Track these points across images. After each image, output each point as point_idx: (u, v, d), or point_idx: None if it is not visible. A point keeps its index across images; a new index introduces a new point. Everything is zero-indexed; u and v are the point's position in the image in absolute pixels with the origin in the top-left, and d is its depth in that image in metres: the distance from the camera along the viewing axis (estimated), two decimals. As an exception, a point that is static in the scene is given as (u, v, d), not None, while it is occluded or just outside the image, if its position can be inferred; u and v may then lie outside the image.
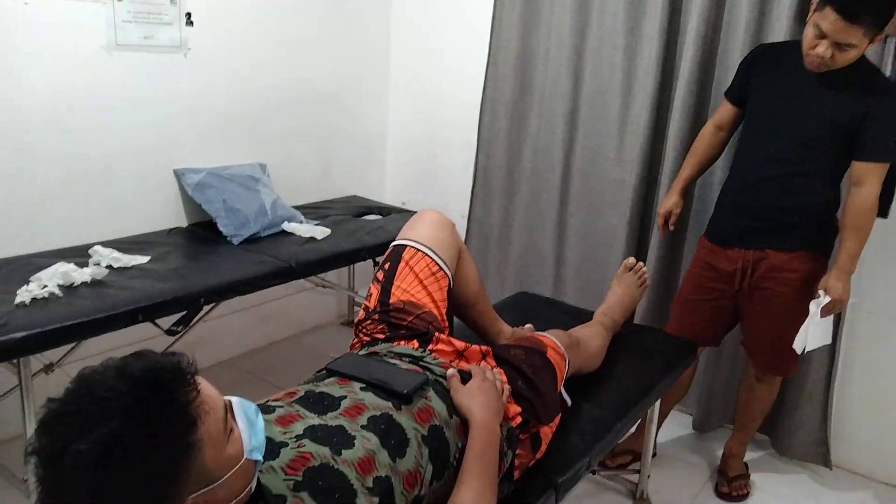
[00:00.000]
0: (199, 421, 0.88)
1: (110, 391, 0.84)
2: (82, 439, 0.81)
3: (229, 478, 0.93)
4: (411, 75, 3.44)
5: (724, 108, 2.22)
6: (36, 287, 1.95)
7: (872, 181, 1.92)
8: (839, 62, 1.84)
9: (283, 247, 2.55)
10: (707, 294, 2.22)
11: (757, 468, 2.46)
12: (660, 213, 2.34)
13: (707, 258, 2.21)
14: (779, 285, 2.07)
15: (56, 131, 2.31)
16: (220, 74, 2.77)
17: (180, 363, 0.91)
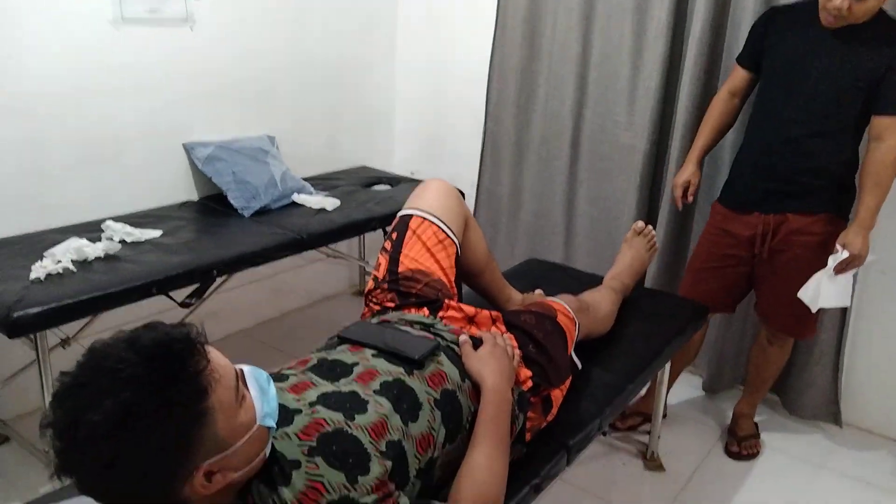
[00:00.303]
0: (209, 389, 0.89)
1: (121, 362, 0.86)
2: (95, 410, 0.82)
3: (243, 445, 0.95)
4: (419, 43, 3.41)
5: (736, 75, 2.18)
6: (50, 262, 1.97)
7: (893, 135, 1.90)
8: (857, 14, 1.81)
9: (294, 218, 2.57)
10: (724, 261, 2.19)
11: (767, 428, 2.48)
12: (677, 185, 2.29)
13: (723, 224, 2.18)
14: (799, 248, 2.06)
15: (65, 107, 2.32)
16: (227, 47, 2.75)
17: (190, 333, 0.92)
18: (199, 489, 0.90)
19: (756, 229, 2.10)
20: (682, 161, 2.55)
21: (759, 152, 2.08)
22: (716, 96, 2.25)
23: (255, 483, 0.99)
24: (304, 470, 1.01)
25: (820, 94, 1.93)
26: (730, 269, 2.20)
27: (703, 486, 2.22)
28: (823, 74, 1.92)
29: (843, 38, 1.89)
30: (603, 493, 2.16)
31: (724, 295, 2.25)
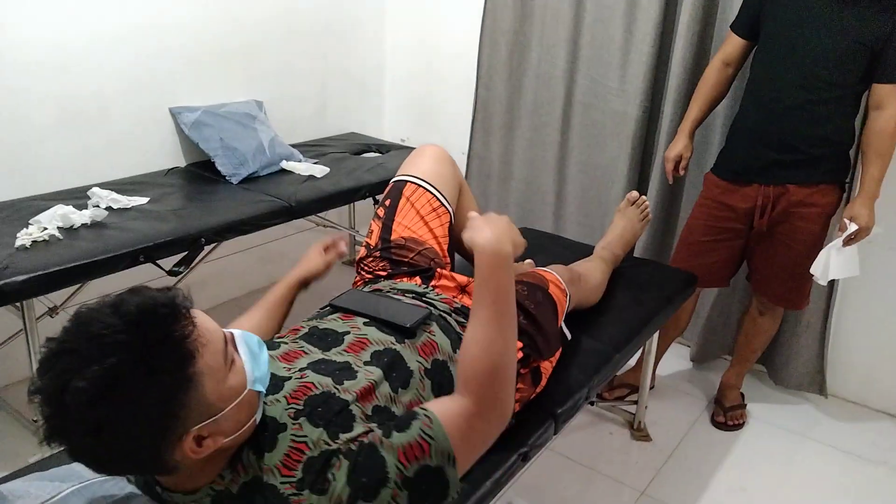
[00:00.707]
0: (196, 354, 0.89)
1: (107, 328, 0.85)
2: (81, 376, 0.82)
3: (232, 409, 0.94)
4: (409, 8, 3.35)
5: (731, 43, 2.14)
6: (36, 230, 1.95)
7: (894, 104, 1.89)
8: None
9: (283, 185, 2.54)
10: (721, 234, 2.18)
11: (753, 398, 2.51)
12: (669, 158, 2.26)
13: (720, 197, 2.15)
14: (800, 220, 2.05)
15: (50, 73, 2.27)
16: (215, 9, 2.69)
17: (175, 298, 0.91)
18: (189, 454, 0.90)
19: (755, 201, 2.08)
20: (673, 128, 2.54)
21: (759, 120, 2.04)
22: (709, 66, 2.21)
23: (246, 450, 0.99)
24: (289, 433, 1.02)
25: (823, 58, 1.89)
26: (726, 242, 2.18)
27: (689, 456, 2.25)
28: (826, 39, 1.88)
29: (843, 2, 1.86)
30: (590, 463, 2.19)
31: (720, 268, 2.24)
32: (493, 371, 1.11)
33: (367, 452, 1.00)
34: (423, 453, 1.01)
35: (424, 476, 1.01)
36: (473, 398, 1.09)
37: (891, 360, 2.46)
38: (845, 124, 1.99)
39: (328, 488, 0.96)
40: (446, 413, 1.07)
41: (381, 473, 0.98)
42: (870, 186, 1.93)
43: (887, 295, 2.41)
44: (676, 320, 2.33)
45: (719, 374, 2.52)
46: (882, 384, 2.50)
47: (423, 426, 1.04)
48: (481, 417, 1.09)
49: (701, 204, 2.24)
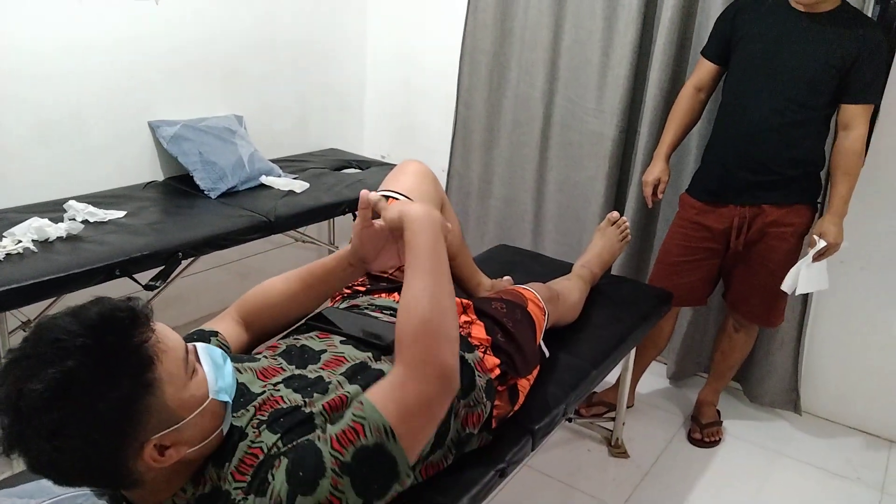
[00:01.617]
0: (156, 359, 0.89)
1: (66, 333, 0.85)
2: (37, 379, 0.82)
3: (195, 418, 0.94)
4: (390, 26, 3.38)
5: (703, 68, 2.17)
6: (10, 242, 1.93)
7: (861, 124, 1.95)
8: None
9: (262, 200, 2.53)
10: (698, 254, 2.20)
11: (728, 415, 2.54)
12: (648, 182, 2.26)
13: (696, 218, 2.18)
14: (775, 239, 2.09)
15: (27, 84, 2.25)
16: (194, 22, 2.69)
17: (135, 306, 0.92)
18: (150, 463, 0.90)
19: (731, 222, 2.11)
20: (650, 149, 2.57)
21: (736, 142, 2.06)
22: (681, 92, 2.24)
23: (209, 463, 0.99)
24: (248, 440, 1.02)
25: (797, 80, 1.94)
26: (703, 261, 2.21)
27: (666, 473, 2.26)
28: (799, 61, 1.93)
29: (814, 25, 1.92)
30: (568, 479, 2.19)
31: (697, 288, 2.26)
32: (423, 328, 1.06)
33: (303, 447, 0.98)
34: (357, 435, 0.98)
35: (364, 458, 0.97)
36: (405, 361, 1.05)
37: (863, 378, 2.50)
38: (817, 146, 2.04)
39: (267, 489, 0.95)
40: (378, 389, 1.04)
41: (317, 465, 0.95)
42: (838, 204, 1.99)
43: (859, 313, 2.45)
44: (655, 340, 2.35)
45: (696, 392, 2.54)
46: (855, 401, 2.54)
47: (355, 410, 1.01)
48: (415, 379, 1.03)
49: (677, 224, 2.26)
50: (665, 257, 2.29)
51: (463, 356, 1.40)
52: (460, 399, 1.34)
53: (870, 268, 2.37)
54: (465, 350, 1.42)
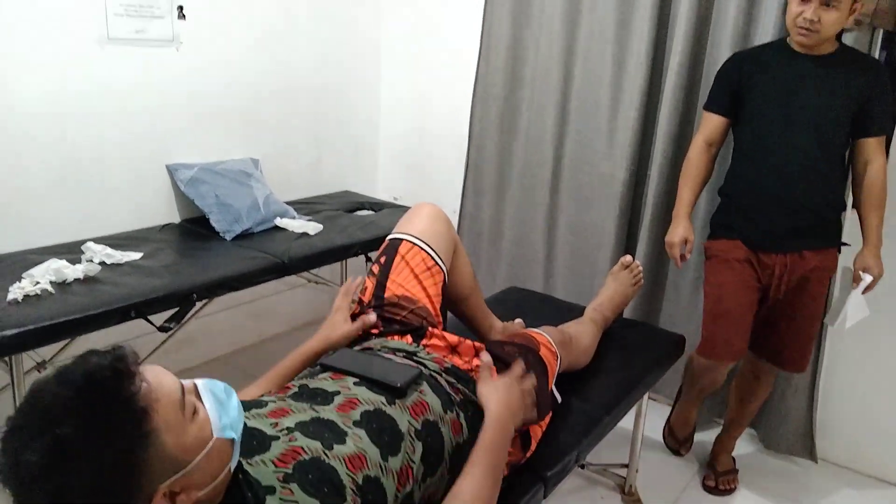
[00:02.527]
0: (149, 409, 0.89)
1: (54, 398, 0.86)
2: (31, 450, 0.83)
3: (201, 460, 0.94)
4: (403, 70, 3.45)
5: (712, 122, 2.14)
6: (28, 284, 1.95)
7: (881, 155, 2.00)
8: (825, 26, 1.86)
9: (276, 242, 2.56)
10: (753, 294, 2.09)
11: (743, 461, 2.49)
12: (675, 244, 2.15)
13: (747, 257, 2.07)
14: (816, 285, 2.08)
15: (48, 127, 2.31)
16: (212, 68, 2.76)
17: (121, 358, 0.91)
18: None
19: (773, 270, 2.06)
20: (660, 191, 2.60)
21: (770, 188, 2.01)
22: (692, 149, 2.18)
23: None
24: (278, 496, 1.00)
25: (819, 121, 1.95)
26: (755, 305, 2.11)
27: (680, 518, 2.22)
28: (818, 102, 1.95)
29: (823, 67, 1.95)
30: (581, 525, 2.16)
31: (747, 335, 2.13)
32: None
33: None
34: None
35: None
36: None
37: (881, 425, 2.46)
38: (841, 187, 2.07)
39: None
40: None
41: None
42: (873, 236, 2.00)
43: (874, 358, 2.42)
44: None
45: (711, 438, 2.51)
46: (873, 449, 2.49)
47: None
48: None
49: (722, 269, 2.11)
50: (719, 306, 2.11)
51: (475, 402, 1.40)
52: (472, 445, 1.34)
53: (883, 311, 2.35)
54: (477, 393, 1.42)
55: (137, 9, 2.47)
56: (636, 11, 2.60)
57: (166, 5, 2.55)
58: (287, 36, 3.02)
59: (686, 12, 2.45)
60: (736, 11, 2.38)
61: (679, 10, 2.49)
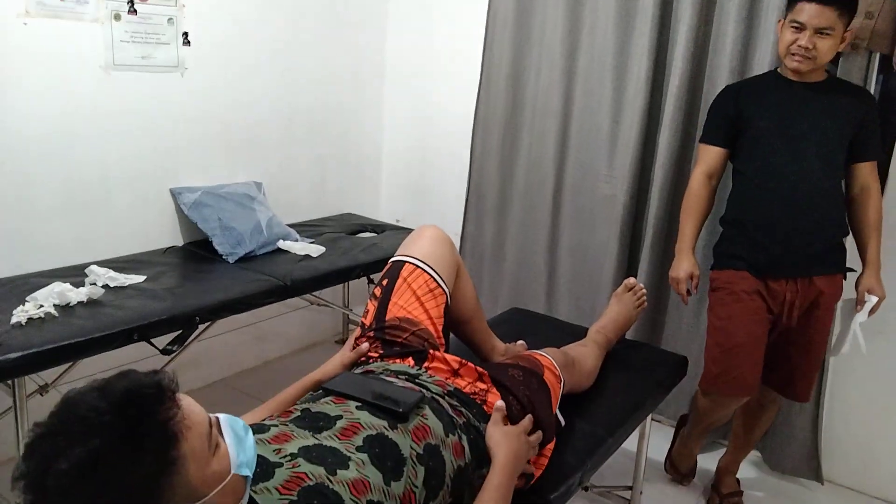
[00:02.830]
0: (180, 436, 0.89)
1: (91, 410, 0.86)
2: (63, 458, 0.82)
3: (216, 495, 0.94)
4: (405, 94, 3.48)
5: (710, 154, 2.12)
6: (32, 307, 1.96)
7: (875, 180, 2.04)
8: (820, 53, 1.89)
9: (279, 265, 2.57)
10: (764, 326, 2.05)
11: (748, 484, 2.48)
12: (680, 280, 2.14)
13: (756, 287, 2.04)
14: (824, 312, 2.07)
15: (53, 151, 2.33)
16: (217, 94, 2.80)
17: (161, 381, 0.92)
18: None
19: (784, 297, 2.03)
20: (661, 213, 2.61)
21: (780, 213, 1.99)
22: (692, 182, 2.16)
23: None
24: None
25: (820, 146, 1.97)
26: (765, 338, 2.07)
27: (685, 542, 2.20)
28: (819, 127, 1.97)
29: (818, 94, 1.98)
30: (585, 548, 2.14)
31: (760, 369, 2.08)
32: None
33: None
34: None
35: None
36: None
37: (886, 445, 2.45)
38: (843, 211, 2.06)
39: None
40: None
41: None
42: (874, 259, 2.02)
43: (880, 378, 2.42)
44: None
45: (715, 459, 2.49)
46: (879, 470, 2.48)
47: None
48: None
49: (731, 301, 2.06)
50: (731, 339, 2.05)
51: (478, 426, 1.40)
52: (475, 469, 1.34)
53: (886, 332, 2.35)
54: (481, 420, 1.42)
55: (143, 36, 2.50)
56: (635, 37, 2.63)
57: (171, 32, 2.58)
58: (290, 61, 3.06)
59: (684, 35, 2.49)
60: (734, 35, 2.41)
61: (677, 35, 2.53)
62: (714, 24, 2.49)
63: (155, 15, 2.52)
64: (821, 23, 1.86)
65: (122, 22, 2.43)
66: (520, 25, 2.92)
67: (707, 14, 2.50)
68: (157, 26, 2.53)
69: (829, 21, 1.85)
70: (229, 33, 2.79)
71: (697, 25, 2.48)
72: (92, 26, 2.35)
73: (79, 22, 2.31)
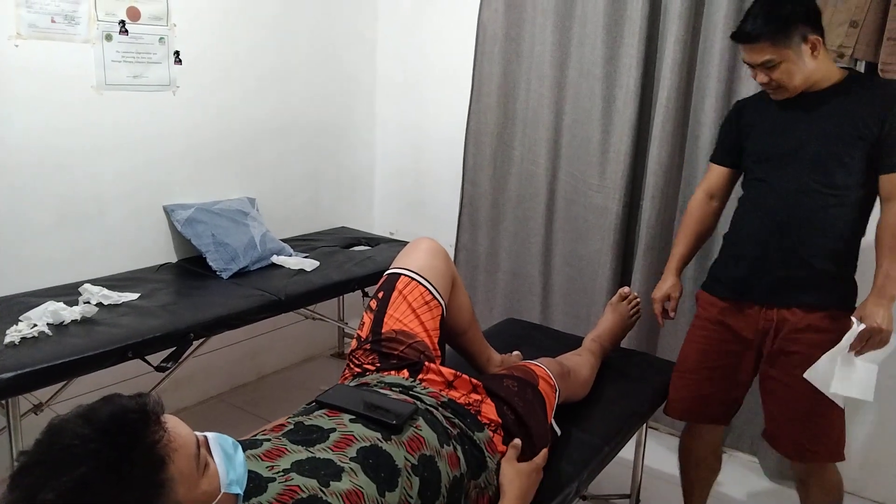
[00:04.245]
0: (167, 459, 0.89)
1: (76, 438, 0.86)
2: (49, 488, 0.82)
3: None
4: (398, 108, 3.50)
5: (714, 174, 2.02)
6: (25, 326, 1.96)
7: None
8: (787, 82, 1.74)
9: (273, 280, 2.57)
10: (722, 360, 1.93)
11: (746, 489, 2.47)
12: (657, 299, 2.06)
13: (718, 317, 1.92)
14: (811, 348, 1.77)
15: (47, 170, 2.34)
16: (209, 111, 2.81)
17: (146, 404, 0.92)
18: None
19: (757, 325, 1.86)
20: (653, 222, 2.62)
21: (763, 231, 1.83)
22: (692, 200, 2.07)
23: None
24: None
25: (820, 158, 1.76)
26: (729, 370, 1.93)
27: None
28: (818, 138, 1.76)
29: (824, 101, 1.78)
30: (584, 559, 2.13)
31: (719, 400, 1.96)
32: None
33: None
34: None
35: None
36: None
37: (890, 450, 2.44)
38: (855, 238, 1.80)
39: None
40: None
41: None
42: (883, 283, 1.69)
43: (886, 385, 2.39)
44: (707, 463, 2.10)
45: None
46: (882, 474, 2.47)
47: None
48: None
49: (696, 326, 2.00)
50: (683, 364, 2.01)
51: (472, 436, 1.40)
52: (470, 479, 1.34)
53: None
54: (475, 430, 1.42)
55: (135, 55, 2.52)
56: (623, 49, 2.66)
57: (163, 51, 2.60)
58: (282, 77, 3.08)
59: (672, 46, 2.51)
60: (722, 45, 2.43)
61: (665, 46, 2.55)
62: (702, 35, 2.52)
63: (146, 35, 2.53)
64: (759, 59, 1.73)
65: (114, 42, 2.44)
66: (509, 39, 2.94)
67: (695, 26, 2.52)
68: (148, 46, 2.55)
69: (766, 55, 1.71)
70: (220, 52, 2.81)
71: (685, 38, 2.50)
72: (83, 47, 2.37)
73: (70, 43, 2.33)
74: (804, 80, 1.76)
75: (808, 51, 1.72)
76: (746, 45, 1.74)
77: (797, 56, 1.72)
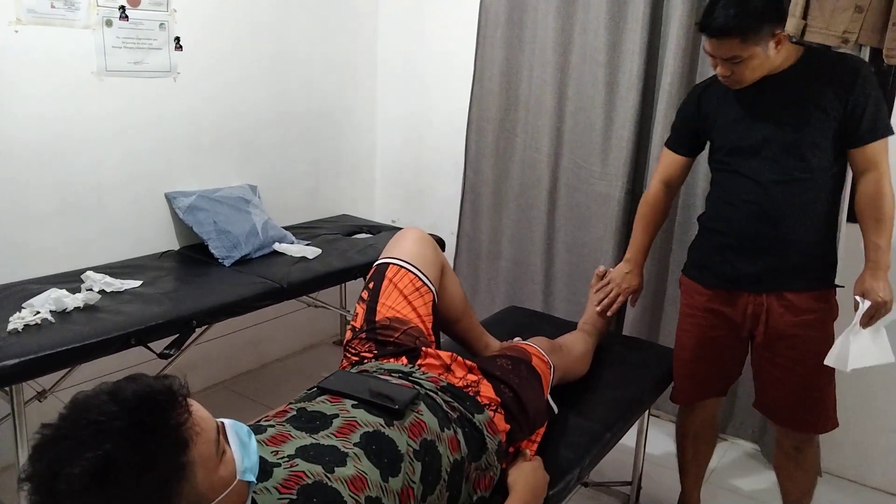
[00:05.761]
0: (190, 442, 0.89)
1: (103, 414, 0.85)
2: (75, 463, 0.82)
3: (221, 500, 0.94)
4: (399, 94, 3.49)
5: (668, 160, 2.01)
6: (28, 313, 1.96)
7: (881, 162, 1.72)
8: (742, 76, 1.71)
9: (275, 267, 2.57)
10: (717, 345, 1.95)
11: (746, 476, 2.48)
12: (622, 290, 2.12)
13: (707, 305, 1.93)
14: (809, 329, 1.81)
15: (48, 157, 2.34)
16: (210, 98, 2.80)
17: (172, 385, 0.92)
18: None
19: (746, 309, 1.86)
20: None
21: (745, 222, 1.82)
22: (648, 191, 2.08)
23: None
24: None
25: (793, 141, 1.73)
26: (726, 350, 1.95)
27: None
28: (788, 120, 1.74)
29: (785, 83, 1.74)
30: (585, 544, 2.14)
31: (718, 378, 2.01)
32: None
33: None
34: None
35: None
36: None
37: (886, 437, 2.45)
38: (833, 217, 1.82)
39: None
40: None
41: None
42: (875, 256, 1.72)
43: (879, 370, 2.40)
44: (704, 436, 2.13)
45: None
46: (878, 461, 2.48)
47: None
48: None
49: (686, 315, 2.00)
50: (681, 353, 2.04)
51: (472, 419, 1.41)
52: (472, 461, 1.34)
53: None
54: (475, 411, 1.42)
55: (135, 41, 2.51)
56: (626, 33, 2.64)
57: (163, 37, 2.59)
58: (283, 64, 3.06)
59: (676, 32, 2.49)
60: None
61: (669, 31, 2.53)
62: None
63: (147, 20, 2.52)
64: (724, 54, 1.68)
65: (114, 28, 2.43)
66: (512, 24, 2.92)
67: (698, 11, 2.50)
68: (148, 32, 2.54)
69: (732, 51, 1.66)
70: (221, 38, 2.80)
71: (689, 24, 2.48)
72: (83, 32, 2.35)
73: (70, 28, 2.32)
74: (764, 73, 1.73)
75: (774, 45, 1.68)
76: (713, 40, 1.68)
77: (764, 52, 1.68)
